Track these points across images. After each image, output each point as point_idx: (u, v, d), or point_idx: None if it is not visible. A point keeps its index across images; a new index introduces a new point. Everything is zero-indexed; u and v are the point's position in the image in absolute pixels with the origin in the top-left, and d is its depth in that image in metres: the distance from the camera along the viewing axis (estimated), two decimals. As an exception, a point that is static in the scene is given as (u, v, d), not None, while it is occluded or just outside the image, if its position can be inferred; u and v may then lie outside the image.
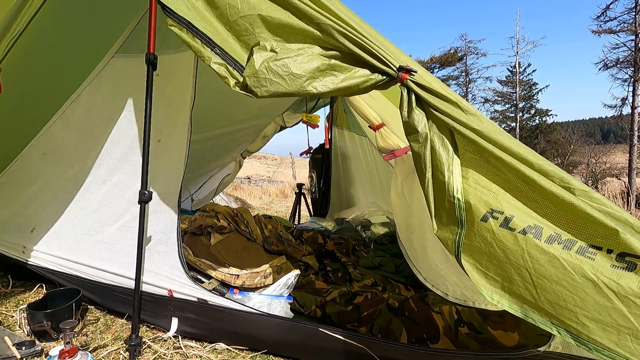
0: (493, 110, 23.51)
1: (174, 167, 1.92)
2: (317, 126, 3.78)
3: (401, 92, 1.25)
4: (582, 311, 0.94)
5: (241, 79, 1.31)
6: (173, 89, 1.92)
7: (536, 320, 1.03)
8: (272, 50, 1.26)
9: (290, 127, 4.06)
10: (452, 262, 1.58)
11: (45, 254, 2.22)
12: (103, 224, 2.04)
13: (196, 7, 1.44)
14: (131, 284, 1.83)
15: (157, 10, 1.64)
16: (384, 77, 1.25)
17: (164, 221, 1.90)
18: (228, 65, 1.34)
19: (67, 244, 2.16)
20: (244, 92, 1.31)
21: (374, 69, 1.25)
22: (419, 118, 1.21)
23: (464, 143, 1.18)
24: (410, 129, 1.23)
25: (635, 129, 14.03)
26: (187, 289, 1.85)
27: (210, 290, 1.87)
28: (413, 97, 1.22)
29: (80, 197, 2.10)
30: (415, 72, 1.21)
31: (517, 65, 21.85)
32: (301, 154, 4.51)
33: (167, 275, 1.87)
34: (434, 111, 1.19)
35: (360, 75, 1.25)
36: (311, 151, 4.40)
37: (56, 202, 2.16)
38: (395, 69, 1.23)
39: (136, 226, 1.76)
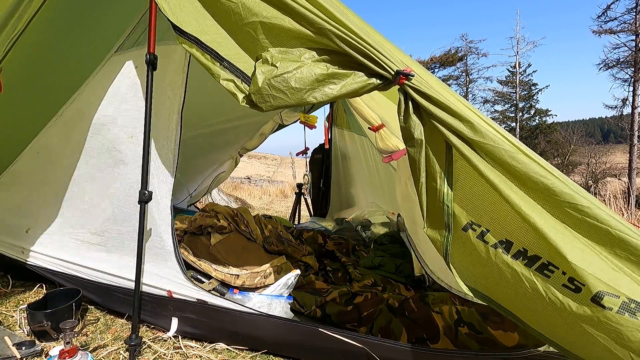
0: (493, 110, 23.54)
1: (162, 167, 1.83)
2: (315, 127, 3.78)
3: (399, 96, 1.25)
4: (531, 311, 1.19)
5: (248, 93, 1.37)
6: (158, 83, 1.76)
7: (495, 307, 1.29)
8: (272, 65, 1.30)
9: (288, 125, 4.04)
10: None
11: (44, 254, 2.22)
12: (98, 224, 2.02)
13: (205, 18, 1.49)
14: (130, 285, 1.83)
15: (157, 10, 1.64)
16: (382, 82, 1.26)
17: (157, 222, 1.84)
18: (236, 80, 1.41)
19: (62, 244, 2.14)
20: (251, 107, 1.36)
21: (371, 73, 1.26)
22: (415, 124, 1.22)
23: (456, 151, 1.20)
24: (406, 134, 1.25)
25: (636, 129, 14.00)
26: (186, 290, 1.84)
27: (209, 291, 1.87)
28: (410, 102, 1.22)
29: (74, 196, 2.08)
30: (413, 76, 1.20)
31: (517, 66, 21.83)
32: (297, 154, 4.50)
33: (165, 276, 1.86)
34: (429, 118, 1.20)
35: (357, 81, 1.26)
36: (307, 151, 4.39)
37: (49, 201, 2.15)
38: (392, 73, 1.23)
39: (130, 227, 1.74)
